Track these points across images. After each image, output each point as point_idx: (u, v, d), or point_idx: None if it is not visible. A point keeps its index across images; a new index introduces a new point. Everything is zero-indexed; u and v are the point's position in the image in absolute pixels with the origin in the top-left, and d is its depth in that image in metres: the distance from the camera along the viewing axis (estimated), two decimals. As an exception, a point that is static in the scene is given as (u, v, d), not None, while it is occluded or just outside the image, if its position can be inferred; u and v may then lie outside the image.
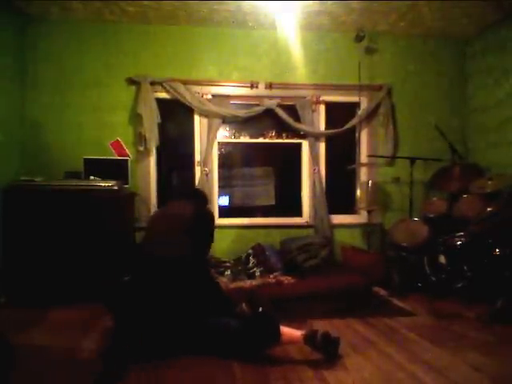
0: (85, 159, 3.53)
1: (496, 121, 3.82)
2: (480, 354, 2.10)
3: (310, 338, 2.02)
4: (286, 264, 3.51)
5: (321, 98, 4.05)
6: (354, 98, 4.04)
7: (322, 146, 4.11)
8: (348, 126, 4.01)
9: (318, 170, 4.00)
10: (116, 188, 3.20)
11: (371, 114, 4.08)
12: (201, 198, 2.92)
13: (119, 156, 3.75)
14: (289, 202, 4.25)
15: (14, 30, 3.51)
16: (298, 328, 2.24)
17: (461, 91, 4.24)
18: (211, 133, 3.87)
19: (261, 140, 4.11)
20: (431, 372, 1.91)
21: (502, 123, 3.75)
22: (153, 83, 3.74)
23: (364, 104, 4.09)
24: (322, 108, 4.10)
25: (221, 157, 4.08)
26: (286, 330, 2.08)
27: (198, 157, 3.96)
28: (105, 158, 3.66)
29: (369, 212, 3.98)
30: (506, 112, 3.69)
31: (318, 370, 1.93)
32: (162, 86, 3.78)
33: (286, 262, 3.54)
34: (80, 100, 3.74)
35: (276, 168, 4.29)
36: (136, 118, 3.75)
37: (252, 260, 3.50)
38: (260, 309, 2.22)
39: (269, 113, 3.97)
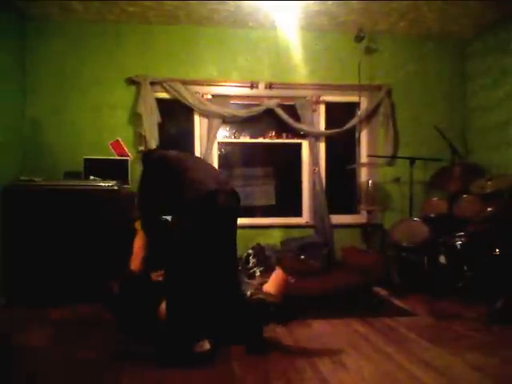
0: (85, 159, 3.53)
1: (496, 121, 3.82)
2: (480, 354, 2.10)
3: None
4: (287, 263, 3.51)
5: (321, 98, 4.06)
6: (353, 98, 4.04)
7: (322, 146, 4.11)
8: (348, 126, 4.01)
9: (318, 170, 4.00)
10: (116, 188, 3.19)
11: (371, 114, 4.08)
12: None
13: (119, 156, 3.75)
14: (289, 202, 4.25)
15: (14, 30, 3.51)
16: (297, 328, 2.26)
17: (461, 91, 4.24)
18: (211, 133, 3.87)
19: (261, 140, 4.11)
20: (431, 372, 1.91)
21: (502, 123, 3.75)
22: (153, 83, 3.74)
23: (364, 104, 4.09)
24: (322, 108, 4.11)
25: (221, 157, 4.08)
26: None
27: (198, 157, 3.96)
28: (105, 158, 3.66)
29: (369, 212, 3.98)
30: (506, 112, 3.69)
31: (318, 370, 1.93)
32: (162, 85, 3.78)
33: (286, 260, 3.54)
34: (80, 100, 3.74)
35: (276, 168, 4.29)
36: (136, 118, 3.75)
37: (252, 260, 3.50)
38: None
39: (269, 113, 3.97)
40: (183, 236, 2.12)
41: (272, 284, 2.35)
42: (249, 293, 2.30)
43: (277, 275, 2.38)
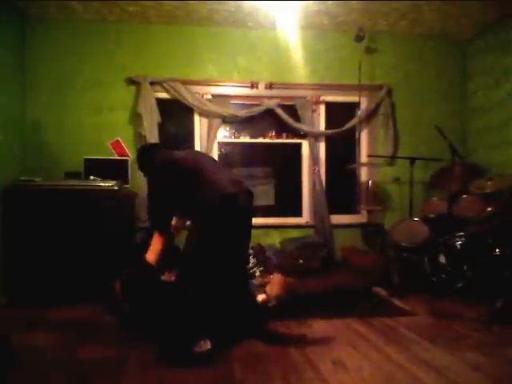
0: (85, 159, 3.53)
1: (496, 121, 3.82)
2: (480, 354, 2.10)
3: None
4: (286, 264, 3.52)
5: (321, 98, 4.05)
6: (354, 98, 4.04)
7: (322, 146, 4.11)
8: (348, 126, 4.01)
9: (318, 170, 4.00)
10: (116, 188, 3.19)
11: (371, 114, 4.08)
12: None
13: (119, 156, 3.75)
14: (289, 202, 4.25)
15: (14, 29, 3.50)
16: (297, 328, 2.27)
17: (461, 91, 4.24)
18: (211, 133, 3.87)
19: (261, 140, 4.11)
20: (431, 372, 1.91)
21: (502, 123, 3.75)
22: (153, 83, 3.74)
23: (364, 104, 4.09)
24: (322, 108, 4.10)
25: (221, 157, 4.08)
26: None
27: (198, 157, 3.95)
28: (105, 157, 3.66)
29: (369, 212, 3.98)
30: (506, 112, 3.69)
31: (318, 370, 1.93)
32: (162, 86, 3.78)
33: (286, 262, 3.54)
34: (80, 100, 3.74)
35: (276, 168, 4.29)
36: (136, 118, 3.75)
37: (252, 260, 3.50)
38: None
39: (269, 113, 3.97)
40: (204, 236, 2.15)
41: (273, 286, 2.46)
42: (260, 298, 2.40)
43: (276, 277, 2.51)
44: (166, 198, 2.30)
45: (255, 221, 3.97)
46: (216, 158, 4.01)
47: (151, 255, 2.30)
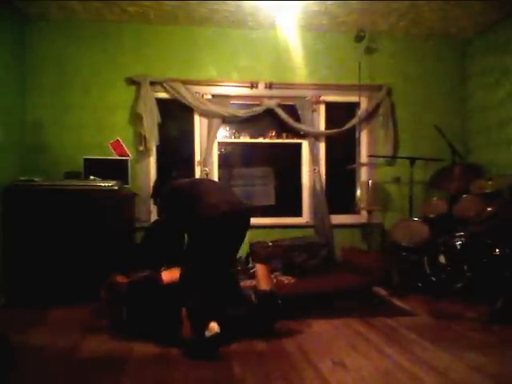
0: (85, 159, 3.53)
1: (496, 121, 3.82)
2: (480, 354, 2.10)
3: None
4: (286, 264, 3.51)
5: (321, 98, 4.05)
6: (354, 98, 4.04)
7: (322, 146, 4.11)
8: (348, 126, 4.01)
9: (318, 170, 4.00)
10: (116, 188, 3.19)
11: (371, 114, 4.08)
12: None
13: (119, 156, 3.75)
14: (289, 202, 4.25)
15: (14, 30, 3.50)
16: (297, 328, 2.27)
17: (461, 91, 4.24)
18: (211, 133, 3.87)
19: (261, 140, 4.10)
20: (431, 372, 1.91)
21: (501, 123, 3.75)
22: (153, 83, 3.74)
23: (364, 104, 4.09)
24: (322, 108, 4.10)
25: (221, 157, 4.08)
26: None
27: (198, 157, 3.96)
28: (105, 158, 3.66)
29: (369, 212, 3.98)
30: (506, 112, 3.69)
31: (318, 370, 1.93)
32: (162, 86, 3.78)
33: (286, 261, 3.54)
34: (80, 100, 3.74)
35: (276, 168, 4.29)
36: (136, 118, 3.75)
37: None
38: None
39: (269, 113, 3.97)
40: (196, 245, 2.37)
41: (261, 281, 2.53)
42: (252, 297, 2.45)
43: (259, 270, 2.59)
44: (175, 216, 2.55)
45: (256, 221, 4.00)
46: (216, 157, 4.01)
47: (167, 276, 2.47)
